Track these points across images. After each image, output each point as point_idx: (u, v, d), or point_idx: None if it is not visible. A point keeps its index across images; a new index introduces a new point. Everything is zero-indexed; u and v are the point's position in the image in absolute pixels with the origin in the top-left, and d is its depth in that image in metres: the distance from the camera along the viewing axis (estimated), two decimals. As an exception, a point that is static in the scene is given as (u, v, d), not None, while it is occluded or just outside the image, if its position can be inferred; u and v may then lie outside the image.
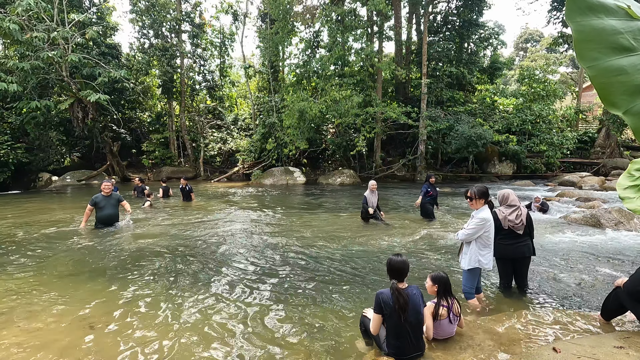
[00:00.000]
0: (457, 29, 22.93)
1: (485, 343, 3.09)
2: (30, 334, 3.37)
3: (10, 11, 14.06)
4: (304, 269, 5.32)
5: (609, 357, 2.58)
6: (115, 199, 7.86)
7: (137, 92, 21.75)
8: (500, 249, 4.14)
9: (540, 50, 51.08)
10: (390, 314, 2.78)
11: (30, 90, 15.96)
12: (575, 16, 1.36)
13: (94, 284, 4.66)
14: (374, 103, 18.83)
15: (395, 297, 2.77)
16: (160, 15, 21.61)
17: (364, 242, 6.77)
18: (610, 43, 1.36)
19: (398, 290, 2.80)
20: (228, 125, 25.33)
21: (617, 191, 2.06)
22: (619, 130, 21.30)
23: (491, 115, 21.64)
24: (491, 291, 4.44)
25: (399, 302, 2.76)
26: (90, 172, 19.73)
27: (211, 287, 4.57)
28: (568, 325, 3.42)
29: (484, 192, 3.77)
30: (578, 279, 4.81)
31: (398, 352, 2.82)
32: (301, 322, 3.64)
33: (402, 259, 2.90)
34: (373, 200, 8.30)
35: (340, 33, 18.64)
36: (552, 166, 21.12)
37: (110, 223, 7.79)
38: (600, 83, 1.36)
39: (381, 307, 2.80)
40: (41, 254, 5.99)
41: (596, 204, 10.45)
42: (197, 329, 3.48)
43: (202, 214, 9.73)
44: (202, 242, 6.78)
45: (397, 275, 2.87)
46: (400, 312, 2.75)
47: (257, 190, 16.20)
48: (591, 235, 7.19)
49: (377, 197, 8.46)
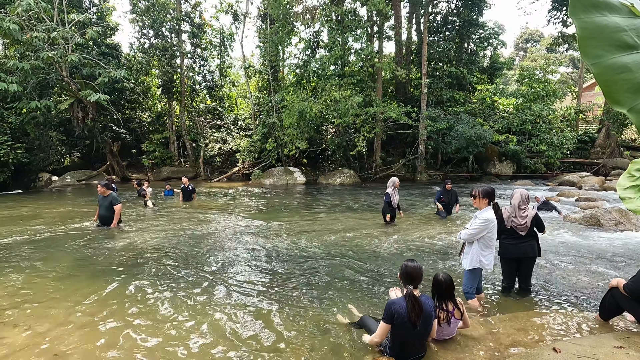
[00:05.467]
0: (457, 29, 22.93)
1: (485, 343, 3.08)
2: (30, 334, 3.37)
3: (10, 11, 14.04)
4: (304, 268, 5.31)
5: (609, 357, 2.57)
6: (108, 201, 7.75)
7: (137, 92, 21.73)
8: (503, 248, 4.12)
9: (540, 50, 51.09)
10: (402, 322, 2.68)
11: (30, 90, 15.95)
12: (579, 13, 1.35)
13: (94, 284, 4.64)
14: (373, 103, 18.82)
15: (410, 305, 2.66)
16: (160, 15, 21.60)
17: (364, 242, 6.76)
18: (614, 40, 1.36)
19: (414, 298, 2.69)
20: (228, 125, 25.33)
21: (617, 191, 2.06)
22: (619, 130, 21.29)
23: (491, 115, 21.63)
24: (491, 291, 4.43)
25: (415, 311, 2.65)
26: (90, 172, 19.73)
27: (211, 287, 4.56)
28: (568, 325, 3.41)
29: (489, 192, 3.75)
30: (578, 279, 4.80)
31: (401, 355, 2.79)
32: (301, 322, 3.63)
33: (418, 265, 2.81)
34: (395, 199, 8.26)
35: (340, 33, 18.63)
36: (552, 166, 21.11)
37: (105, 223, 7.81)
38: (604, 80, 1.35)
39: (392, 317, 2.69)
40: (41, 254, 5.98)
41: (596, 204, 10.44)
42: (197, 329, 3.47)
43: (203, 214, 9.72)
44: (203, 242, 6.77)
45: (412, 281, 2.77)
46: (416, 319, 2.65)
47: (257, 190, 16.19)
48: (591, 235, 7.19)
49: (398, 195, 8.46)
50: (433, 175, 20.56)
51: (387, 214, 8.28)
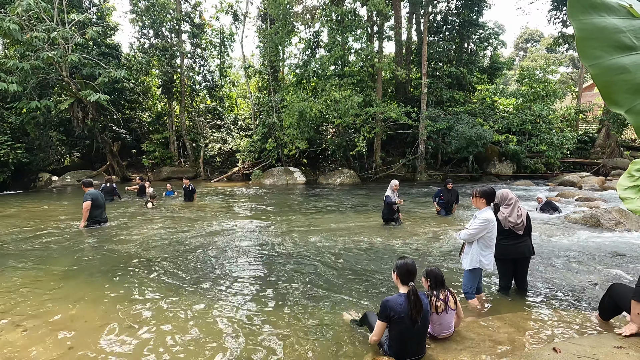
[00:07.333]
0: (457, 29, 22.94)
1: (485, 343, 3.08)
2: (30, 335, 3.37)
3: (10, 11, 14.05)
4: (304, 268, 5.31)
5: (609, 357, 2.58)
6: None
7: (137, 92, 21.73)
8: (501, 249, 4.13)
9: (540, 50, 51.10)
10: (401, 319, 2.71)
11: (30, 90, 15.96)
12: (578, 14, 1.36)
13: (94, 284, 4.65)
14: (373, 103, 18.83)
15: (413, 302, 2.71)
16: (160, 15, 21.60)
17: (364, 242, 6.77)
18: (613, 41, 1.36)
19: (416, 294, 2.74)
20: (228, 125, 25.33)
21: (617, 191, 2.06)
22: (619, 130, 21.29)
23: (491, 115, 21.64)
24: (491, 291, 4.44)
25: (416, 307, 2.70)
26: (90, 172, 19.73)
27: (211, 286, 4.56)
28: (568, 325, 3.41)
29: (486, 192, 3.76)
30: (578, 279, 4.81)
31: (400, 354, 2.80)
32: (301, 321, 3.64)
33: (413, 261, 2.88)
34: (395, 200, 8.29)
35: (340, 33, 18.63)
36: (552, 166, 21.11)
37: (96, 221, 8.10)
38: (603, 81, 1.36)
39: (387, 314, 2.73)
40: (41, 253, 5.99)
41: (596, 204, 10.44)
42: (197, 328, 3.48)
43: (204, 214, 9.73)
44: (203, 242, 6.78)
45: (412, 278, 2.82)
46: (417, 315, 2.69)
47: (257, 190, 16.19)
48: (591, 235, 7.19)
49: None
50: (433, 175, 20.56)
51: (387, 215, 8.31)
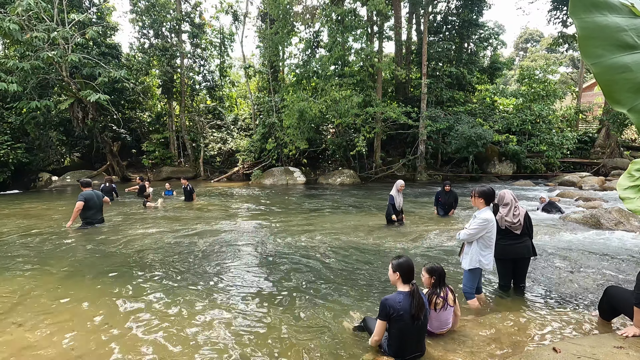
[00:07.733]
0: (457, 29, 22.92)
1: (485, 343, 3.08)
2: (31, 335, 3.37)
3: (10, 11, 14.03)
4: (304, 268, 5.31)
5: (609, 357, 2.57)
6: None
7: (137, 92, 21.70)
8: (500, 249, 4.12)
9: (540, 50, 51.10)
10: (400, 317, 2.72)
11: (30, 90, 15.94)
12: (580, 13, 1.35)
13: (94, 283, 4.65)
14: (373, 103, 18.82)
15: (416, 300, 2.74)
16: (160, 15, 21.58)
17: (365, 242, 6.76)
18: (615, 40, 1.35)
19: (418, 293, 2.78)
20: (228, 125, 25.32)
21: (617, 191, 2.06)
22: (619, 130, 21.28)
23: (491, 115, 21.62)
24: (491, 291, 4.43)
25: (419, 305, 2.73)
26: (90, 172, 19.71)
27: (211, 287, 4.56)
28: (568, 325, 3.41)
29: (485, 192, 3.75)
30: (578, 279, 4.80)
31: (400, 352, 2.81)
32: (301, 322, 3.64)
33: (410, 259, 2.91)
34: (399, 201, 8.24)
35: (340, 33, 18.62)
36: (552, 166, 21.10)
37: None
38: (605, 80, 1.35)
39: (387, 312, 2.74)
40: (41, 253, 5.98)
41: (596, 204, 10.44)
42: (196, 329, 3.47)
43: (203, 214, 9.73)
44: (203, 242, 6.77)
45: (411, 277, 2.84)
46: (419, 313, 2.72)
47: (257, 190, 16.19)
48: (591, 235, 7.19)
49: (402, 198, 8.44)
50: (433, 175, 20.56)
51: (390, 215, 8.23)
